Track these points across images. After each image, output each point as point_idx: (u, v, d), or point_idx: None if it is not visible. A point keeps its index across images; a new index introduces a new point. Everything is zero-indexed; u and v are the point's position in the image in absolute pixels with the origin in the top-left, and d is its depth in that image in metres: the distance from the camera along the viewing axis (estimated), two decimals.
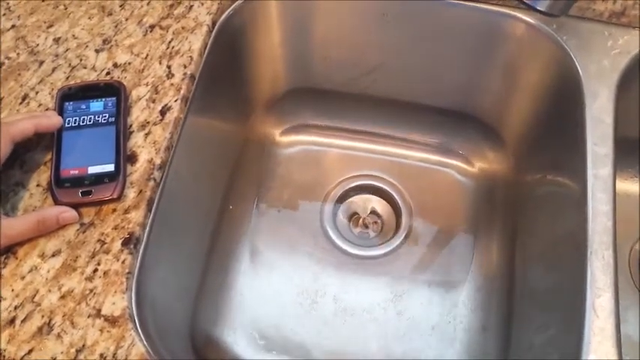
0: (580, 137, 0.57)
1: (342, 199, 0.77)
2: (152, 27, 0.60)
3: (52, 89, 0.55)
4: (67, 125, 0.51)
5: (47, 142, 0.52)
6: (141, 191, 0.50)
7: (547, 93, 0.66)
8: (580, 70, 0.60)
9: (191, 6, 0.61)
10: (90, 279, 0.46)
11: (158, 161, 0.52)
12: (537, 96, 0.68)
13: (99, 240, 0.48)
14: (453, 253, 0.73)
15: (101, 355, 0.44)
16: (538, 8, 0.47)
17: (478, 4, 0.64)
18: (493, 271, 0.71)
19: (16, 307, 0.45)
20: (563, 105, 0.63)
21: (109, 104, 0.52)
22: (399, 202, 0.76)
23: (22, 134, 0.48)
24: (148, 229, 0.50)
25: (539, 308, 0.59)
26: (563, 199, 0.60)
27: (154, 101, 0.55)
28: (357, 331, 0.69)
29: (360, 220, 0.77)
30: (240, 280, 0.71)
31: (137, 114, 0.54)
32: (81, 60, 0.57)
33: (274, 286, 0.71)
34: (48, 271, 0.47)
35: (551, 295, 0.57)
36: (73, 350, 0.44)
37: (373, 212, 0.77)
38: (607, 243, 0.51)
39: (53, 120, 0.51)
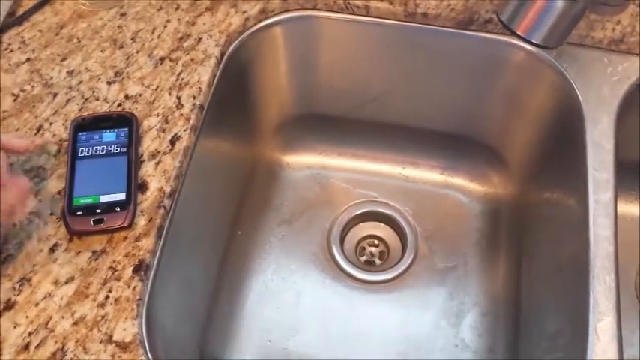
0: (581, 163, 0.58)
1: (349, 224, 0.78)
2: (162, 59, 0.62)
3: (66, 120, 0.57)
4: (80, 155, 0.53)
5: (61, 171, 0.53)
6: (151, 219, 0.51)
7: (548, 119, 0.67)
8: (580, 97, 0.61)
9: (200, 39, 0.63)
10: (102, 305, 0.47)
11: (168, 190, 0.53)
12: (539, 121, 0.69)
13: (110, 267, 0.49)
14: (460, 277, 0.73)
15: None
16: (533, 41, 0.49)
17: (478, 33, 0.66)
18: (499, 294, 0.71)
19: (30, 333, 0.46)
20: (564, 131, 0.64)
21: (122, 135, 0.54)
22: (405, 226, 0.77)
23: None
24: (158, 256, 0.51)
25: (545, 331, 0.60)
26: (565, 224, 0.61)
27: (164, 131, 0.56)
28: (365, 354, 0.69)
29: (367, 245, 0.78)
30: (248, 305, 0.72)
31: (148, 143, 0.56)
32: (93, 92, 0.59)
33: (282, 311, 0.72)
34: (61, 298, 0.48)
35: (557, 319, 0.58)
36: None
37: (380, 237, 0.78)
38: (609, 267, 0.52)
39: (22, 142, 0.51)
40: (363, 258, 0.77)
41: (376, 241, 0.78)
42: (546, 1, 0.46)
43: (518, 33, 0.48)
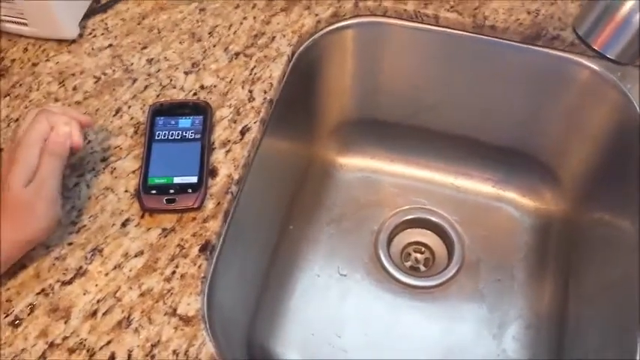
0: (637, 184, 0.58)
1: (397, 228, 0.79)
2: (237, 54, 0.64)
3: (144, 105, 0.60)
4: (156, 138, 0.56)
5: (137, 152, 0.57)
6: (219, 203, 0.54)
7: (607, 139, 0.68)
8: None
9: (273, 37, 0.66)
10: (168, 280, 0.50)
11: (236, 177, 0.56)
12: (597, 141, 0.69)
13: (178, 245, 0.52)
14: (504, 290, 0.74)
15: (174, 351, 0.47)
16: (608, 56, 0.49)
17: (544, 49, 0.67)
18: (545, 309, 0.71)
19: (98, 301, 0.49)
20: (623, 151, 0.65)
21: (196, 122, 0.57)
22: (453, 235, 0.78)
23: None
24: (222, 238, 0.53)
25: (591, 344, 0.60)
26: (618, 243, 0.61)
27: (235, 122, 0.59)
28: (406, 358, 0.70)
29: (413, 252, 0.79)
30: (295, 298, 0.74)
31: (219, 132, 0.58)
32: (171, 80, 0.62)
33: (327, 308, 0.73)
34: (130, 270, 0.50)
35: (603, 333, 0.58)
36: (148, 345, 0.47)
37: (426, 244, 0.79)
38: None
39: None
40: (408, 264, 0.78)
41: (422, 248, 0.79)
42: (624, 18, 0.47)
43: (595, 47, 0.49)
